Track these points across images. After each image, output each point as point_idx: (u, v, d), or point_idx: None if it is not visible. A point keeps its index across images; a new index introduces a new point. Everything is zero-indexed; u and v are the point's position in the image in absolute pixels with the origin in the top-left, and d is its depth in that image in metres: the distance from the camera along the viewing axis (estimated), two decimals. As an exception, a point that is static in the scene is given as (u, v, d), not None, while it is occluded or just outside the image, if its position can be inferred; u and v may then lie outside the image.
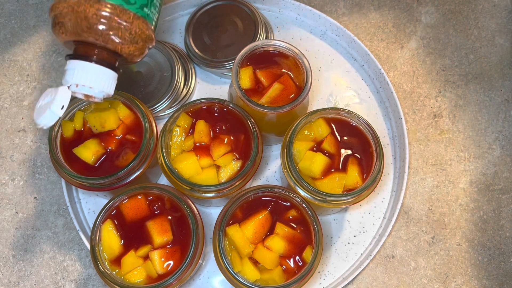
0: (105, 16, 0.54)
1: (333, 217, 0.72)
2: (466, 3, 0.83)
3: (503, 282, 0.70)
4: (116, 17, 0.54)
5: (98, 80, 0.56)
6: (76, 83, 0.55)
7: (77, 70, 0.55)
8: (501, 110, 0.77)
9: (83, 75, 0.55)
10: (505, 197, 0.73)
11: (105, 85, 0.57)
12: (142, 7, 0.56)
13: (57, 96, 0.55)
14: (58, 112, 0.55)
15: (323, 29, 0.80)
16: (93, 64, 0.55)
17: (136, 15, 0.56)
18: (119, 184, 0.62)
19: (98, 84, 0.56)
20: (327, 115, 0.64)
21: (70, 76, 0.56)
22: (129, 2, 0.55)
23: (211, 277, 0.70)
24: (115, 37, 0.55)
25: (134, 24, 0.56)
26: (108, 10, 0.54)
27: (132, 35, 0.56)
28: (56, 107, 0.55)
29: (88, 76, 0.55)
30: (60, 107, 0.55)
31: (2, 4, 0.84)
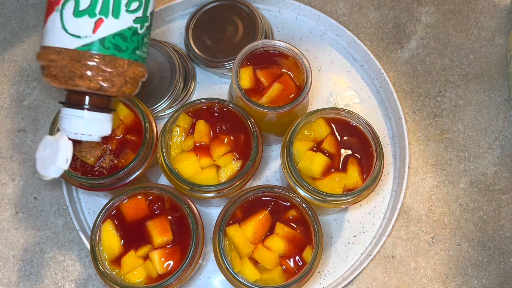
0: (96, 68, 0.54)
1: (333, 217, 0.72)
2: (466, 3, 0.83)
3: (503, 282, 0.70)
4: (108, 67, 0.54)
5: (96, 127, 0.57)
6: (75, 132, 0.56)
7: (74, 119, 0.56)
8: (501, 110, 0.77)
9: (81, 125, 0.56)
10: (505, 197, 0.73)
11: (103, 129, 0.57)
12: (134, 51, 0.56)
13: (60, 151, 0.55)
14: (64, 166, 0.56)
15: (323, 29, 0.80)
16: (90, 113, 0.56)
17: (129, 62, 0.56)
18: (119, 184, 0.62)
19: (97, 130, 0.57)
20: (327, 115, 0.64)
21: (67, 125, 0.56)
22: (121, 49, 0.55)
23: (211, 277, 0.70)
24: (109, 85, 0.55)
25: (128, 71, 0.56)
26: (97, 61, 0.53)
27: (126, 80, 0.56)
28: (61, 162, 0.55)
29: (86, 125, 0.56)
30: (65, 161, 0.56)
31: (2, 4, 0.84)
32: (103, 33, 0.54)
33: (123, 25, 0.55)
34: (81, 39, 0.53)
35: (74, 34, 0.53)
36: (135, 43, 0.56)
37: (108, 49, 0.54)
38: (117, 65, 0.55)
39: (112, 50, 0.54)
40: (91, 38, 0.53)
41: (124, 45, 0.55)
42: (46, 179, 0.57)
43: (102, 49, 0.54)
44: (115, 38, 0.54)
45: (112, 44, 0.54)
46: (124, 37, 0.55)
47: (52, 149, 0.56)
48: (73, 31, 0.53)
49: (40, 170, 0.57)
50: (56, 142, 0.56)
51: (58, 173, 0.56)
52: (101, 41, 0.54)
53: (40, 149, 0.57)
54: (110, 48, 0.54)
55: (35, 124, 0.77)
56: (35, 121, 0.77)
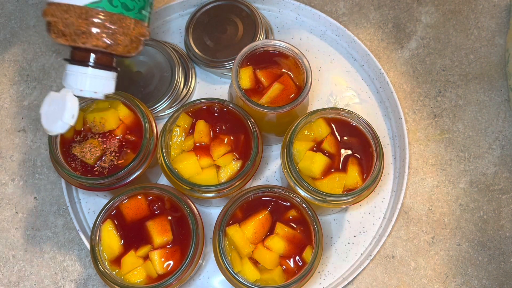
0: (103, 25, 0.54)
1: (333, 217, 0.72)
2: (466, 3, 0.83)
3: (503, 282, 0.70)
4: (115, 26, 0.55)
5: (100, 83, 0.57)
6: (80, 89, 0.57)
7: (79, 76, 0.56)
8: (501, 110, 0.77)
9: (86, 81, 0.57)
10: (505, 197, 0.73)
11: (107, 87, 0.58)
12: (140, 10, 0.57)
13: (67, 106, 0.56)
14: (70, 121, 0.57)
15: (323, 29, 0.80)
16: (94, 70, 0.56)
17: (136, 21, 0.56)
18: (119, 184, 0.62)
19: (101, 87, 0.57)
20: (327, 115, 0.64)
21: (73, 82, 0.57)
22: (128, 8, 0.56)
23: (211, 277, 0.70)
24: (115, 43, 0.55)
25: (134, 31, 0.57)
26: (104, 18, 0.54)
27: (132, 40, 0.57)
28: (68, 117, 0.56)
29: (91, 81, 0.57)
30: (71, 116, 0.57)
31: (2, 4, 0.84)
32: None
33: None
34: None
35: None
36: (142, 3, 0.57)
37: (116, 7, 0.54)
38: (124, 24, 0.55)
39: (120, 9, 0.55)
40: None
41: (132, 4, 0.56)
42: (52, 134, 0.58)
43: (110, 7, 0.54)
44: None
45: (120, 2, 0.55)
46: None
47: (58, 105, 0.57)
48: None
49: (46, 125, 0.57)
50: (62, 98, 0.57)
51: (64, 129, 0.57)
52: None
53: (45, 105, 0.58)
54: (118, 6, 0.55)
55: (35, 124, 0.77)
56: (35, 121, 0.77)
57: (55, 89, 0.78)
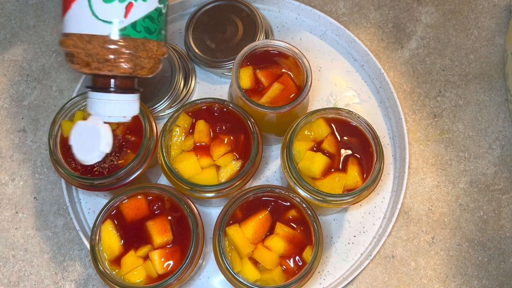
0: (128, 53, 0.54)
1: (333, 217, 0.72)
2: (466, 3, 0.83)
3: (503, 282, 0.70)
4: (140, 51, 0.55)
5: (127, 108, 0.58)
6: (109, 115, 0.57)
7: (106, 103, 0.56)
8: (501, 110, 0.77)
9: (115, 107, 0.57)
10: (505, 197, 0.73)
11: (133, 110, 0.58)
12: (160, 31, 0.57)
13: (102, 136, 0.57)
14: (107, 149, 0.57)
15: (323, 29, 0.80)
16: (120, 95, 0.57)
17: (158, 42, 0.57)
18: (119, 184, 0.62)
19: (128, 111, 0.58)
20: (327, 115, 0.64)
21: (101, 109, 0.57)
22: (151, 31, 0.55)
23: (211, 277, 0.70)
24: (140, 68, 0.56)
25: (157, 52, 0.57)
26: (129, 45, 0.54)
27: (155, 62, 0.57)
28: (104, 146, 0.57)
29: (119, 107, 0.57)
30: (107, 144, 0.57)
31: (2, 4, 0.84)
32: (134, 17, 0.53)
33: (151, 6, 0.55)
34: (113, 25, 0.53)
35: (106, 20, 0.53)
36: (161, 24, 0.57)
37: (139, 33, 0.54)
38: (148, 48, 0.55)
39: (144, 33, 0.55)
40: (123, 23, 0.53)
41: (153, 26, 0.55)
42: (88, 163, 0.58)
43: (134, 33, 0.54)
44: (145, 21, 0.54)
45: (143, 27, 0.54)
46: (152, 19, 0.55)
47: (92, 135, 0.57)
48: (104, 17, 0.53)
49: (81, 156, 0.58)
50: (95, 127, 0.57)
51: (101, 157, 0.58)
52: (133, 25, 0.53)
53: (75, 135, 0.58)
54: (142, 31, 0.54)
55: (35, 124, 0.77)
56: (35, 121, 0.77)
57: (55, 89, 0.78)
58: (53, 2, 0.84)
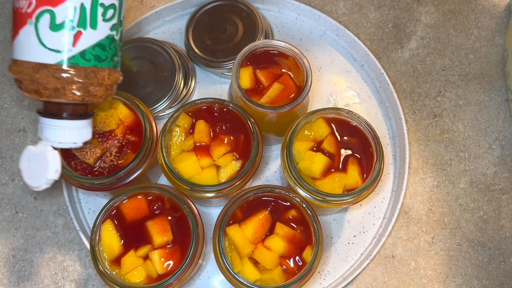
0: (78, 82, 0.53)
1: (333, 217, 0.72)
2: (466, 3, 0.83)
3: (503, 282, 0.70)
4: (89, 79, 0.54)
5: (79, 134, 0.56)
6: (59, 141, 0.56)
7: (56, 129, 0.55)
8: (501, 110, 0.77)
9: (64, 134, 0.55)
10: (505, 197, 0.73)
11: (85, 135, 0.57)
12: (112, 58, 0.56)
13: (50, 163, 0.55)
14: (55, 176, 0.55)
15: (323, 29, 0.80)
16: (72, 122, 0.55)
17: (109, 70, 0.56)
18: (119, 184, 0.62)
19: (80, 137, 0.57)
20: (327, 115, 0.64)
21: (51, 135, 0.55)
22: (101, 59, 0.54)
23: (211, 277, 0.70)
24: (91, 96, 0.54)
25: (109, 79, 0.56)
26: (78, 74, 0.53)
27: (106, 88, 0.56)
28: (52, 173, 0.55)
29: (69, 133, 0.56)
30: (55, 171, 0.55)
31: (2, 4, 0.84)
32: (83, 46, 0.53)
33: (102, 34, 0.54)
34: (61, 53, 0.52)
35: (54, 49, 0.52)
36: (113, 51, 0.56)
37: (89, 61, 0.53)
38: (99, 76, 0.54)
39: (94, 62, 0.54)
40: (71, 52, 0.52)
41: (104, 54, 0.54)
42: (37, 189, 0.56)
43: (83, 62, 0.53)
44: (95, 49, 0.53)
45: (93, 55, 0.53)
46: (103, 46, 0.54)
47: (40, 161, 0.55)
48: (52, 46, 0.52)
49: (30, 182, 0.56)
50: (43, 154, 0.55)
51: (49, 184, 0.56)
52: (82, 53, 0.52)
53: (24, 160, 0.56)
54: (91, 59, 0.53)
55: (35, 124, 0.77)
56: (35, 121, 0.77)
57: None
58: (53, 2, 0.84)
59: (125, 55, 0.74)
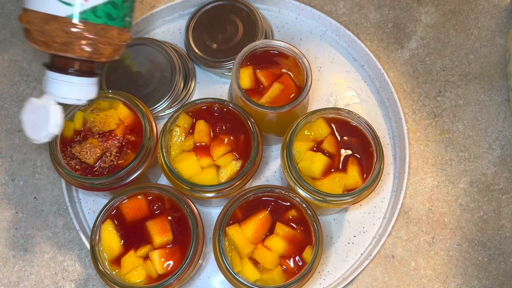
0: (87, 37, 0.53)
1: (333, 217, 0.72)
2: (466, 3, 0.83)
3: (503, 282, 0.70)
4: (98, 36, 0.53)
5: (84, 91, 0.56)
6: (63, 97, 0.55)
7: (62, 84, 0.55)
8: (501, 110, 0.77)
9: (69, 90, 0.55)
10: (505, 197, 0.73)
11: (90, 93, 0.57)
12: (123, 18, 0.56)
13: (52, 117, 0.55)
14: (55, 130, 0.56)
15: (323, 29, 0.80)
16: (77, 78, 0.55)
17: (119, 29, 0.55)
18: (119, 184, 0.62)
19: (84, 94, 0.57)
20: (327, 115, 0.64)
21: (55, 89, 0.55)
22: (112, 17, 0.54)
23: (211, 277, 0.70)
24: (99, 53, 0.54)
25: (118, 38, 0.55)
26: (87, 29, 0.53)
27: (115, 48, 0.56)
28: (53, 127, 0.55)
29: (74, 89, 0.55)
30: (56, 125, 0.55)
31: (2, 4, 0.84)
32: (95, 2, 0.53)
33: None
34: (72, 7, 0.52)
35: (66, 2, 0.52)
36: (125, 10, 0.55)
37: (99, 18, 0.53)
38: (108, 35, 0.54)
39: (104, 19, 0.53)
40: (83, 7, 0.52)
41: (115, 12, 0.54)
42: (37, 142, 0.57)
43: (94, 18, 0.53)
44: (106, 6, 0.53)
45: (104, 12, 0.53)
46: (115, 4, 0.54)
47: (41, 114, 0.55)
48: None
49: (30, 133, 0.56)
50: (45, 107, 0.55)
51: (49, 138, 0.56)
52: (93, 9, 0.52)
53: (27, 112, 0.56)
54: (102, 16, 0.53)
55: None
56: (35, 121, 0.77)
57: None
58: (53, 2, 0.84)
59: (125, 55, 0.74)
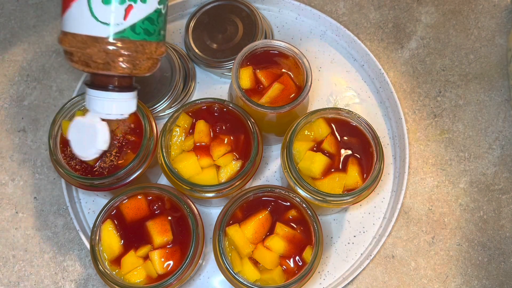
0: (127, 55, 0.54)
1: (333, 217, 0.72)
2: (466, 3, 0.83)
3: (503, 282, 0.70)
4: (138, 53, 0.55)
5: (125, 106, 0.58)
6: (107, 113, 0.57)
7: (105, 101, 0.57)
8: (501, 110, 0.77)
9: (112, 105, 0.57)
10: (505, 197, 0.73)
11: (131, 107, 0.59)
12: (160, 32, 0.57)
13: (99, 134, 0.58)
14: (104, 147, 0.59)
15: (323, 29, 0.80)
16: (119, 94, 0.57)
17: (156, 43, 0.57)
18: (119, 184, 0.62)
19: (126, 109, 0.58)
20: (327, 115, 0.64)
21: (99, 107, 0.57)
22: (150, 33, 0.56)
23: (211, 277, 0.70)
24: (139, 69, 0.56)
25: (155, 52, 0.57)
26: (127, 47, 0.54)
27: (153, 62, 0.57)
28: (101, 144, 0.58)
29: (117, 105, 0.57)
30: (104, 142, 0.58)
31: (2, 4, 0.84)
32: (133, 20, 0.54)
33: (151, 8, 0.55)
34: (112, 27, 0.53)
35: (105, 22, 0.53)
36: (160, 24, 0.57)
37: (138, 35, 0.54)
38: (147, 50, 0.56)
39: (143, 35, 0.55)
40: (122, 26, 0.53)
41: (152, 28, 0.55)
42: (86, 159, 0.60)
43: (133, 35, 0.54)
44: (144, 23, 0.54)
45: (142, 29, 0.54)
46: (151, 20, 0.55)
47: (89, 132, 0.58)
48: (104, 19, 0.53)
49: (79, 152, 0.59)
50: (93, 125, 0.58)
51: (98, 154, 0.59)
52: (132, 27, 0.54)
53: (73, 131, 0.59)
54: (141, 33, 0.54)
55: (35, 124, 0.77)
56: (35, 121, 0.77)
57: (55, 89, 0.78)
58: (53, 2, 0.84)
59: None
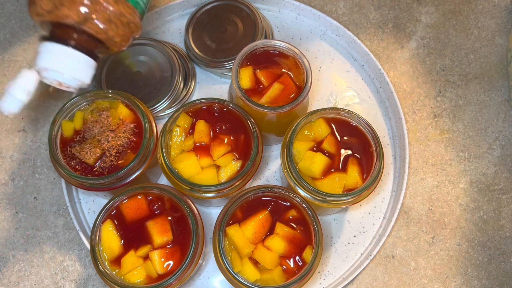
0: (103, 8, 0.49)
1: (333, 217, 0.72)
2: (466, 3, 0.83)
3: (503, 282, 0.70)
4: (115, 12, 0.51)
5: (70, 65, 0.50)
6: (45, 67, 0.50)
7: (49, 53, 0.50)
8: (501, 110, 0.77)
9: (55, 59, 0.50)
10: (505, 197, 0.73)
11: (78, 72, 0.51)
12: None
13: (19, 79, 0.48)
14: (20, 96, 0.48)
15: (323, 29, 0.80)
16: (69, 49, 0.50)
17: (133, 9, 0.53)
18: (119, 184, 0.62)
19: (70, 70, 0.50)
20: (327, 115, 0.64)
21: (40, 59, 0.50)
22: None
23: (211, 277, 0.70)
24: (98, 21, 0.49)
25: (121, 10, 0.51)
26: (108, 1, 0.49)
27: (117, 21, 0.51)
28: (17, 91, 0.48)
29: (60, 61, 0.50)
30: (22, 90, 0.48)
31: (2, 4, 0.84)
32: None
33: None
34: None
35: None
36: None
37: None
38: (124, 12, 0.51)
39: None
40: None
41: None
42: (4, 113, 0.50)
43: None
44: None
45: None
46: None
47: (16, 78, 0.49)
48: None
49: None
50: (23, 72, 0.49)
51: (15, 106, 0.49)
52: None
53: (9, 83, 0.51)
54: None
55: (35, 124, 0.77)
56: (35, 121, 0.77)
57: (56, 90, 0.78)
58: (53, 2, 0.84)
59: (125, 55, 0.74)
